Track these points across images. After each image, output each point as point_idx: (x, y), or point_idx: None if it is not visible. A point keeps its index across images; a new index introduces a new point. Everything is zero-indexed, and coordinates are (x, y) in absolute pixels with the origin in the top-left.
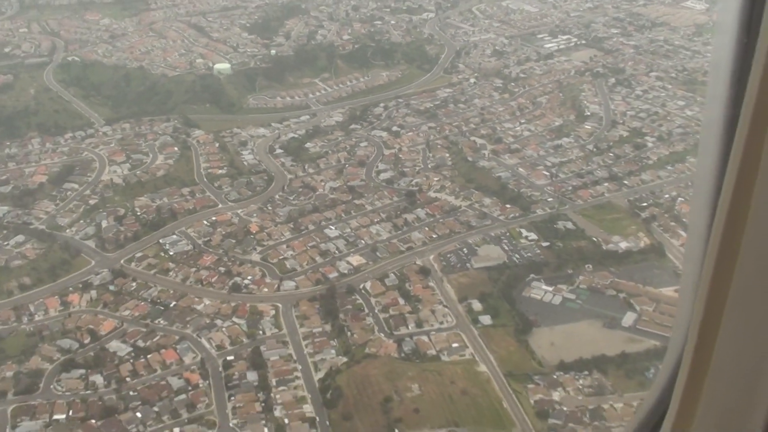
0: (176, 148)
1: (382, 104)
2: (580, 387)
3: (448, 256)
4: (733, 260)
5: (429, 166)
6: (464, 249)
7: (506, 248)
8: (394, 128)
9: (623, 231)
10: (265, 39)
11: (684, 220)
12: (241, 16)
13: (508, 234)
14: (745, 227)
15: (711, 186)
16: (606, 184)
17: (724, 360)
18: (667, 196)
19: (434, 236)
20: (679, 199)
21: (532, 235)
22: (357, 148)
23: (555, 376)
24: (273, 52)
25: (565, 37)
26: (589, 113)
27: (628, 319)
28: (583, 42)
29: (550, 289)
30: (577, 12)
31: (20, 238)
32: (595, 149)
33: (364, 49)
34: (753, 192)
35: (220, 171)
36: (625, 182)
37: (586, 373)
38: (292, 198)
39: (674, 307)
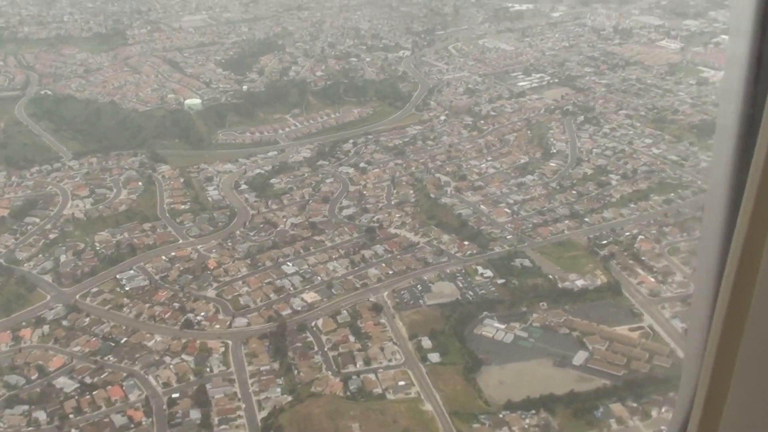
0: (140, 183)
1: (351, 140)
2: (526, 426)
3: (402, 292)
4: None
5: (392, 203)
6: (418, 286)
7: (461, 285)
8: (362, 164)
9: (581, 269)
10: (238, 75)
11: (642, 258)
12: (217, 52)
13: (464, 271)
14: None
15: (726, 190)
16: (567, 221)
17: (746, 372)
18: (627, 234)
19: (390, 273)
20: (640, 237)
21: (488, 273)
22: (322, 184)
23: (501, 416)
24: (245, 87)
25: (538, 75)
26: (555, 151)
27: (580, 357)
28: (556, 80)
29: (503, 326)
30: (553, 51)
31: None
32: (558, 187)
33: (337, 86)
34: None
35: (183, 206)
36: (586, 220)
37: (533, 412)
38: (252, 234)
39: (627, 345)
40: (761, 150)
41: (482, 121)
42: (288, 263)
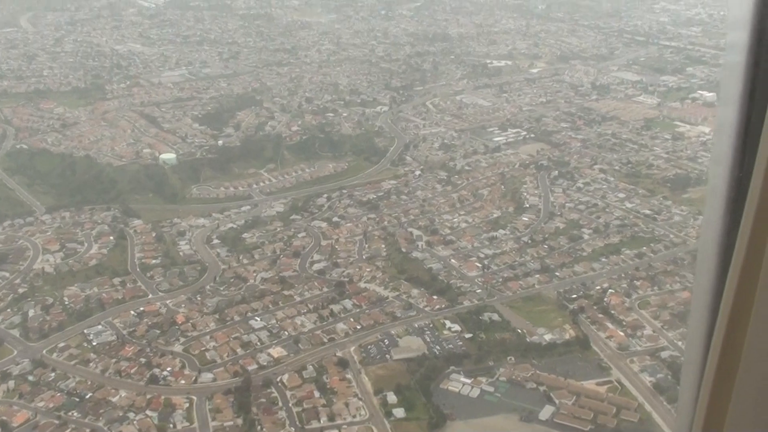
0: (112, 238)
1: (325, 195)
2: None
3: (369, 347)
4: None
5: (363, 257)
6: (385, 340)
7: (428, 340)
8: (335, 219)
9: (549, 323)
10: (214, 130)
11: (612, 312)
12: (195, 107)
13: (432, 325)
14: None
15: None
16: (537, 276)
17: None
18: (598, 287)
19: (358, 327)
20: (610, 291)
21: (456, 327)
22: (294, 238)
23: None
24: (220, 142)
25: (514, 130)
26: (528, 205)
27: (546, 412)
28: (532, 136)
29: (469, 381)
30: (530, 106)
31: None
32: (530, 241)
33: (312, 140)
34: None
35: (153, 261)
36: (557, 274)
37: None
38: (222, 289)
39: (595, 400)
40: (749, 216)
41: (456, 176)
42: (256, 318)
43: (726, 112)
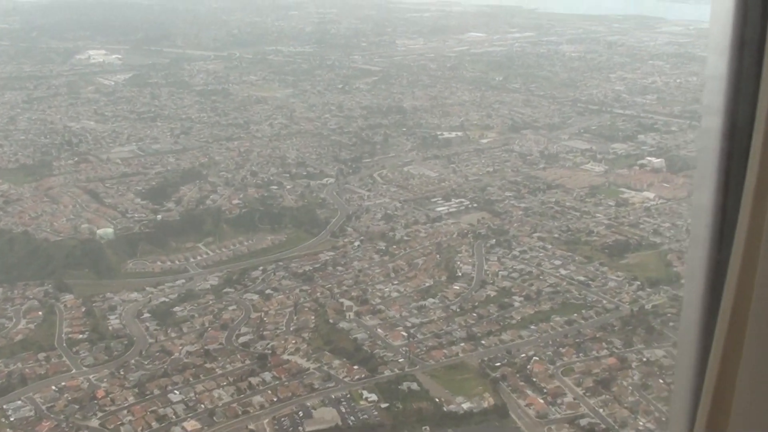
0: (41, 313)
1: (261, 268)
2: None
3: (283, 419)
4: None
5: (291, 329)
6: (300, 412)
7: (343, 410)
8: (267, 291)
9: (469, 391)
10: (155, 204)
11: (534, 379)
12: (139, 183)
13: (349, 396)
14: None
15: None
16: (462, 344)
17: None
18: (523, 355)
19: (275, 399)
20: (534, 358)
21: (373, 397)
22: (225, 311)
23: None
24: (159, 217)
25: (458, 200)
26: (460, 274)
27: None
28: (475, 205)
29: None
30: (476, 176)
31: None
32: (458, 310)
33: (252, 214)
34: None
35: (81, 336)
36: (483, 342)
37: None
38: (146, 363)
39: None
40: (729, 292)
41: (395, 246)
42: (175, 391)
43: (702, 195)
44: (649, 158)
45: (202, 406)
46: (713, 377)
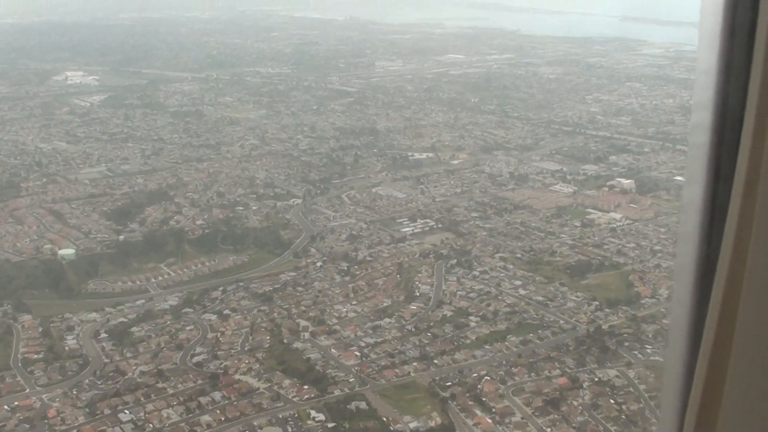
0: None
1: (221, 288)
2: None
3: None
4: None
5: (245, 349)
6: (246, 431)
7: (290, 430)
8: (226, 311)
9: (417, 411)
10: (119, 225)
11: (483, 399)
12: (106, 203)
13: (297, 416)
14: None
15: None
16: (415, 364)
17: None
18: (475, 375)
19: (222, 419)
20: (486, 378)
21: (320, 416)
22: (182, 331)
23: None
24: (121, 237)
25: (423, 221)
26: (418, 294)
27: None
28: (440, 226)
29: None
30: (444, 197)
31: None
32: (414, 329)
33: (215, 234)
34: None
35: (36, 356)
36: (435, 362)
37: None
38: (100, 383)
39: None
40: (719, 286)
41: (356, 267)
42: (125, 411)
43: (692, 190)
44: (618, 179)
45: (150, 425)
46: (702, 376)
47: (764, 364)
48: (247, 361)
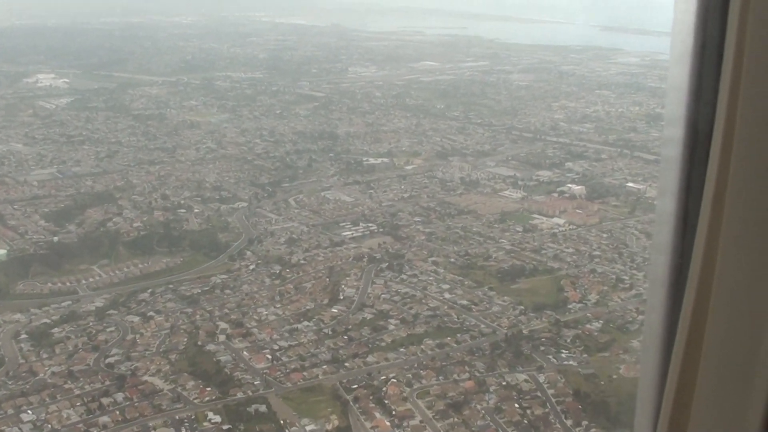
0: None
1: (150, 290)
2: None
3: None
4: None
5: (160, 351)
6: None
7: (184, 431)
8: (150, 313)
9: (317, 414)
10: (57, 226)
11: (386, 401)
12: (48, 205)
13: (194, 417)
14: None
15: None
16: (324, 367)
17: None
18: (383, 378)
19: (120, 420)
20: (392, 380)
21: (217, 419)
22: (102, 333)
23: None
24: (56, 238)
25: (365, 225)
26: (342, 297)
27: None
28: (381, 230)
29: None
30: (391, 202)
31: None
32: (331, 332)
33: (151, 236)
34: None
35: None
36: (346, 365)
37: None
38: (10, 383)
39: None
40: (689, 297)
41: (288, 270)
42: (28, 411)
43: (664, 202)
44: (569, 185)
45: (49, 426)
46: (674, 379)
47: (732, 367)
48: (158, 363)
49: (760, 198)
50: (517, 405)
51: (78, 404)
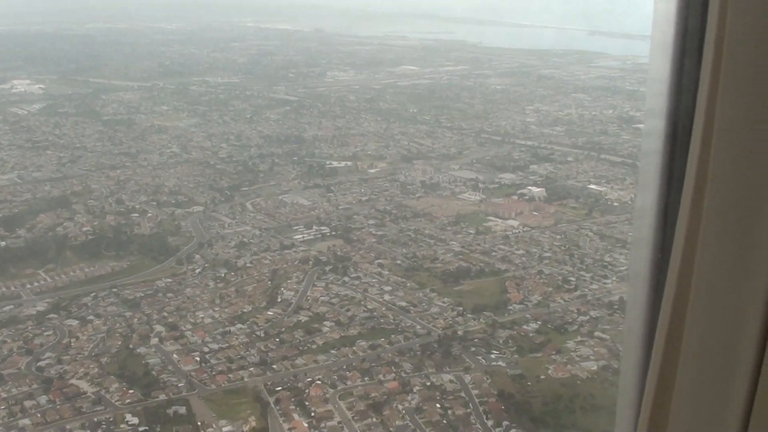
0: None
1: (93, 294)
2: None
3: None
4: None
5: (92, 354)
6: None
7: None
8: (90, 317)
9: (237, 415)
10: (6, 231)
11: (307, 403)
12: (2, 210)
13: (112, 419)
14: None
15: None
16: (252, 369)
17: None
18: (308, 380)
19: (39, 422)
20: (317, 382)
21: (135, 420)
22: (39, 337)
23: None
24: (3, 243)
25: (318, 228)
26: (280, 300)
27: None
28: (333, 233)
29: None
30: (348, 205)
31: None
32: (263, 335)
33: (100, 241)
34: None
35: None
36: (274, 367)
37: None
38: None
39: None
40: (669, 295)
41: (233, 274)
42: None
43: (644, 197)
44: (530, 188)
45: None
46: (654, 377)
47: (711, 365)
48: (87, 366)
49: (740, 191)
50: (438, 405)
51: (1, 407)
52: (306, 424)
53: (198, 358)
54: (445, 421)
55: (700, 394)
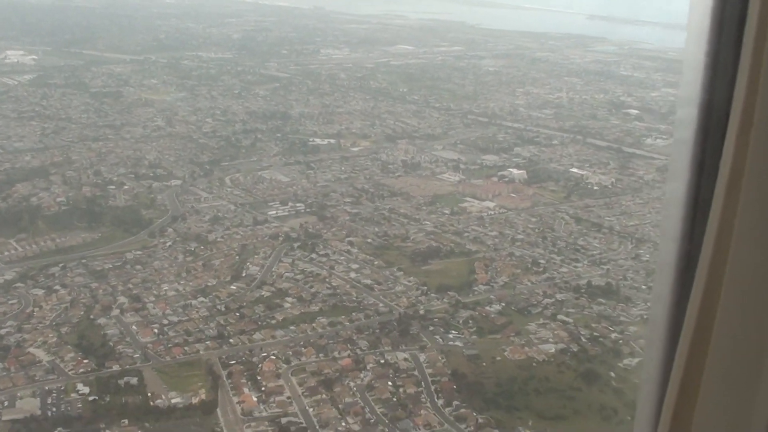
0: None
1: (62, 264)
2: None
3: None
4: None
5: (53, 324)
6: (5, 402)
7: (48, 402)
8: (56, 287)
9: (187, 388)
10: None
11: (258, 377)
12: None
13: (63, 388)
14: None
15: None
16: (208, 342)
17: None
18: (264, 354)
19: None
20: (272, 357)
21: (85, 390)
22: (2, 305)
23: None
24: None
25: (293, 205)
26: (245, 275)
27: None
28: (308, 210)
29: None
30: (327, 182)
31: None
32: (224, 309)
33: (73, 212)
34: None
35: None
36: (231, 341)
37: None
38: None
39: None
40: (698, 286)
41: (203, 248)
42: None
43: (675, 186)
44: (511, 169)
45: None
46: (679, 374)
47: (741, 364)
48: (46, 335)
49: None
50: (390, 383)
51: None
52: (255, 398)
53: (156, 330)
54: (395, 399)
55: (728, 396)
